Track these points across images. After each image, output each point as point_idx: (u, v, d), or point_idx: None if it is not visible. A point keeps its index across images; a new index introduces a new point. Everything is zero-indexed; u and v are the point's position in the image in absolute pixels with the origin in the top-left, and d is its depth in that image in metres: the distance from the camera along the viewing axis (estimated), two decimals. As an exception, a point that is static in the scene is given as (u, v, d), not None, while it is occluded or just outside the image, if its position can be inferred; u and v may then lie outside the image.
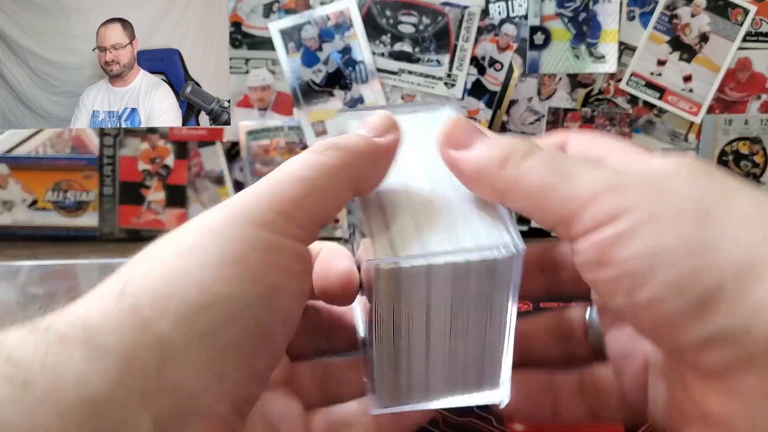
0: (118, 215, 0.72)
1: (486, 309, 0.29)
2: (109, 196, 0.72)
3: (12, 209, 0.71)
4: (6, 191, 0.71)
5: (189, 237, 0.26)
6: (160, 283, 0.24)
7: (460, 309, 0.29)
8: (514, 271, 0.29)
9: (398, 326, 0.29)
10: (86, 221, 0.72)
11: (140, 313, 0.23)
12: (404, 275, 0.27)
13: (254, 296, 0.25)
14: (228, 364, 0.24)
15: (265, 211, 0.26)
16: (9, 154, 0.70)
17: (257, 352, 0.25)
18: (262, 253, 0.25)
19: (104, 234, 0.72)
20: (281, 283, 0.25)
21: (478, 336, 0.30)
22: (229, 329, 0.24)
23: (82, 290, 0.25)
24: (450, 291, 0.28)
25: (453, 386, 0.31)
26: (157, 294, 0.24)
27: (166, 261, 0.25)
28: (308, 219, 0.27)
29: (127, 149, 0.72)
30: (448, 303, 0.29)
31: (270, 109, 0.72)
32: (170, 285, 0.24)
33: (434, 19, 0.69)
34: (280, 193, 0.27)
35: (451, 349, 0.30)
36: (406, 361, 0.30)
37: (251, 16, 0.66)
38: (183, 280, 0.24)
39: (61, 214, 0.72)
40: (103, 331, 0.22)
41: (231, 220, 0.26)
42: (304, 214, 0.27)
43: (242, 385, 0.25)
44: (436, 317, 0.29)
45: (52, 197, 0.72)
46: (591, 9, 0.69)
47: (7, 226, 0.72)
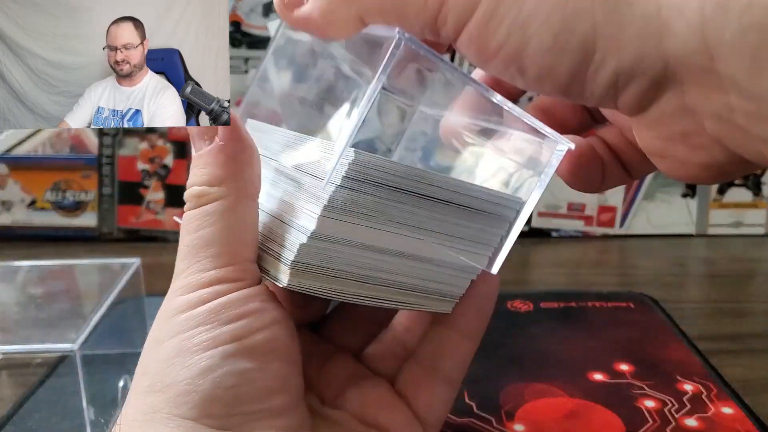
0: (117, 215, 0.72)
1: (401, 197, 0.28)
2: (108, 196, 0.72)
3: (11, 209, 0.71)
4: (5, 191, 0.71)
5: (151, 338, 0.26)
6: (143, 392, 0.25)
7: (382, 218, 0.28)
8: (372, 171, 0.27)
9: (355, 274, 0.28)
10: (85, 221, 0.72)
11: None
12: (303, 257, 0.27)
13: (222, 358, 0.25)
14: (244, 423, 0.25)
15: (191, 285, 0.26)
16: (8, 154, 0.70)
17: (264, 393, 0.26)
18: (206, 328, 0.25)
19: (103, 234, 0.72)
20: (242, 331, 0.26)
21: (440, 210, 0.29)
22: (218, 395, 0.25)
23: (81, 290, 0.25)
24: (354, 223, 0.27)
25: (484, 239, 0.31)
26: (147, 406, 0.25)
27: (144, 364, 0.26)
28: (238, 265, 0.27)
29: (126, 149, 0.72)
30: (367, 227, 0.28)
31: (269, 108, 0.72)
32: (152, 385, 0.25)
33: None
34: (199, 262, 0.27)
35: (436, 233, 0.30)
36: (411, 279, 0.29)
37: (251, 16, 0.66)
38: (160, 380, 0.25)
39: (60, 214, 0.72)
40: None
41: (164, 313, 0.26)
42: (230, 263, 0.27)
43: (273, 427, 0.26)
44: (377, 241, 0.28)
45: (51, 197, 0.72)
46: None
47: (6, 226, 0.72)
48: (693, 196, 0.75)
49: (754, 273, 0.66)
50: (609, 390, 0.41)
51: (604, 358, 0.45)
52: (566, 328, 0.50)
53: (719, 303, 0.57)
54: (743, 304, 0.56)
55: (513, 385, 0.42)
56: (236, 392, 0.25)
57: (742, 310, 0.55)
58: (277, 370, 0.26)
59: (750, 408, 0.39)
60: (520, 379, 0.42)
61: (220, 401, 0.25)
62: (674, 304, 0.54)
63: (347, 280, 0.28)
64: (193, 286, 0.26)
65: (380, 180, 0.27)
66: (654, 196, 0.75)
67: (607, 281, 0.62)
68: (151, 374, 0.25)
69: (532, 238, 0.74)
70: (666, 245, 0.73)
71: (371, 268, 0.28)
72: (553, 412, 0.39)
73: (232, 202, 0.27)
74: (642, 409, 0.39)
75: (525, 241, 0.73)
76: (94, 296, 0.48)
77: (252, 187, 0.28)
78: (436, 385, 0.32)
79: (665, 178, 0.74)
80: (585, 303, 0.53)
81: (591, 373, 0.43)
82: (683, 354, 0.46)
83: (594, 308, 0.53)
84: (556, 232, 0.74)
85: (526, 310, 0.53)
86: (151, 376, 0.25)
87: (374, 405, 0.31)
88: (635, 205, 0.75)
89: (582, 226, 0.74)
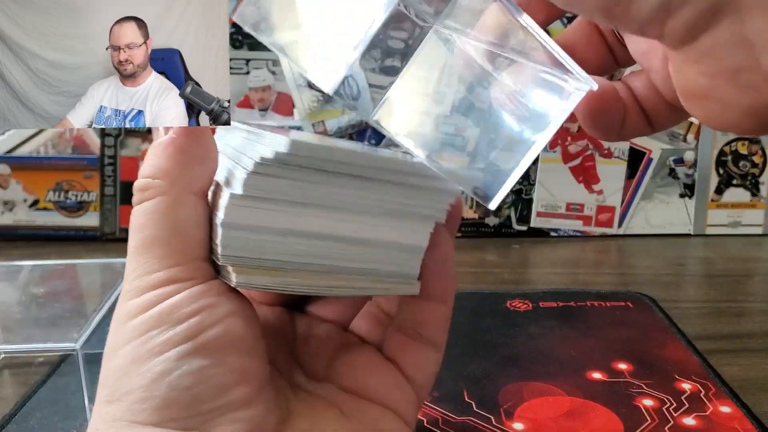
0: (119, 215, 0.72)
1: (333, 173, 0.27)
2: (110, 196, 0.72)
3: (13, 209, 0.72)
4: (7, 191, 0.71)
5: (107, 348, 0.26)
6: (104, 403, 0.25)
7: (309, 203, 0.27)
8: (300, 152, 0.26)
9: (299, 263, 0.28)
10: (87, 221, 0.72)
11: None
12: (234, 251, 0.27)
13: (175, 360, 0.25)
14: (210, 419, 0.25)
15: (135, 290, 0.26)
16: (10, 155, 0.71)
17: (224, 386, 0.26)
18: (157, 332, 0.25)
19: (105, 234, 0.72)
20: (194, 330, 0.25)
21: (373, 189, 0.28)
22: (177, 396, 0.25)
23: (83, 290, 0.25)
24: (277, 209, 0.27)
25: (423, 221, 0.30)
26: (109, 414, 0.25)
27: (104, 373, 0.26)
28: (186, 265, 0.26)
29: (128, 149, 0.72)
30: (298, 211, 0.27)
31: (270, 109, 0.72)
32: (111, 395, 0.25)
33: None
34: (144, 265, 0.26)
35: (371, 214, 0.29)
36: (356, 263, 0.29)
37: (252, 17, 0.67)
38: (119, 387, 0.25)
39: (62, 214, 0.72)
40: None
41: (116, 319, 0.26)
42: (177, 265, 0.26)
43: (241, 416, 0.26)
44: (308, 225, 0.28)
45: (53, 197, 0.72)
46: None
47: (9, 226, 0.72)
48: (691, 196, 0.75)
49: (752, 273, 0.66)
50: (608, 389, 0.41)
51: (602, 357, 0.45)
52: (565, 327, 0.50)
53: (717, 303, 0.57)
54: (741, 303, 0.56)
55: (512, 383, 0.42)
56: (194, 392, 0.25)
57: (740, 310, 0.55)
58: (234, 363, 0.26)
59: (748, 407, 0.40)
60: (519, 378, 0.43)
61: (179, 403, 0.24)
62: (672, 303, 0.54)
63: (293, 271, 0.27)
64: (142, 289, 0.26)
65: (300, 163, 0.26)
66: (652, 196, 0.75)
67: (606, 281, 0.62)
68: (108, 385, 0.25)
69: (531, 237, 0.74)
70: (664, 245, 0.73)
71: (311, 255, 0.28)
72: (552, 410, 0.39)
73: (174, 198, 0.26)
74: (640, 408, 0.39)
75: (524, 241, 0.74)
76: (96, 296, 0.49)
77: (200, 183, 0.27)
78: (420, 347, 0.32)
79: (663, 178, 0.74)
80: (584, 302, 0.54)
81: (590, 372, 0.43)
82: (681, 353, 0.46)
83: (593, 308, 0.53)
84: (554, 232, 0.74)
85: (525, 309, 0.53)
86: (109, 387, 0.25)
87: (363, 369, 0.31)
88: (633, 205, 0.75)
89: (581, 226, 0.74)
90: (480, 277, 0.63)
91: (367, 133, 0.72)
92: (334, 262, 0.28)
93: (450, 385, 0.42)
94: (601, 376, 0.43)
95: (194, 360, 0.25)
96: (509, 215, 0.74)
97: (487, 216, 0.74)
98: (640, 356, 0.45)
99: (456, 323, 0.51)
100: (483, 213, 0.74)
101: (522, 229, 0.75)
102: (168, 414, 0.24)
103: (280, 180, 0.26)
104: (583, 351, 0.46)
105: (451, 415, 0.39)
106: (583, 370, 0.44)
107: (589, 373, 0.43)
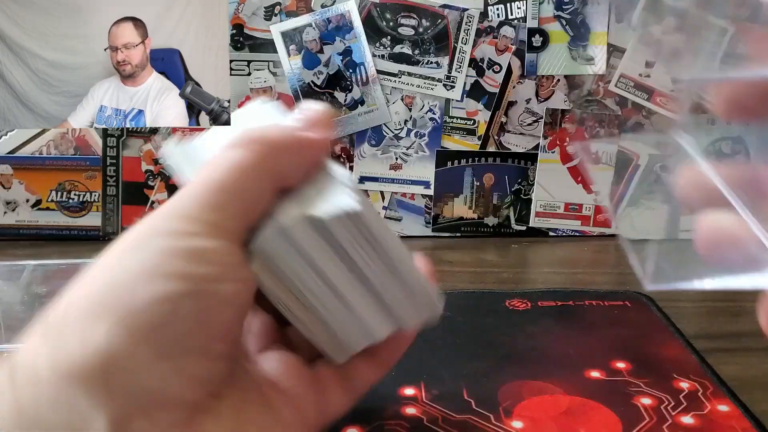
0: (122, 215, 0.73)
1: (371, 249, 0.31)
2: (113, 197, 0.72)
3: (16, 209, 0.72)
4: (10, 191, 0.72)
5: (109, 255, 0.27)
6: (88, 299, 0.25)
7: (346, 257, 0.30)
8: (367, 220, 0.30)
9: (297, 290, 0.30)
10: (89, 221, 0.73)
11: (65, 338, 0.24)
12: (265, 247, 0.28)
13: (185, 293, 0.25)
14: (181, 355, 0.25)
15: (183, 219, 0.27)
16: (13, 155, 0.71)
17: (209, 336, 0.26)
18: (182, 261, 0.26)
19: (107, 234, 0.73)
20: (214, 275, 0.26)
21: (384, 273, 0.31)
22: (170, 323, 0.25)
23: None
24: (323, 245, 0.29)
25: (394, 321, 0.33)
26: (89, 309, 0.25)
27: (92, 278, 0.26)
28: (232, 223, 0.27)
29: (130, 150, 0.72)
30: (331, 255, 0.30)
31: (271, 110, 0.72)
32: (100, 297, 0.25)
33: (434, 21, 0.70)
34: (199, 202, 0.27)
35: (368, 292, 0.31)
36: (329, 317, 0.31)
37: (253, 19, 0.67)
38: (112, 292, 0.25)
39: (65, 214, 0.73)
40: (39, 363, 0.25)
41: (145, 233, 0.27)
42: (225, 219, 0.27)
43: (205, 368, 0.26)
44: (327, 270, 0.30)
45: (55, 197, 0.72)
46: (580, 12, 0.69)
47: (11, 226, 0.72)
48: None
49: (752, 272, 0.66)
50: (606, 387, 0.42)
51: (601, 356, 0.45)
52: (564, 326, 0.50)
53: (715, 302, 0.57)
54: (739, 303, 0.56)
55: (511, 382, 0.42)
56: (188, 325, 0.25)
57: (738, 309, 0.55)
58: (232, 318, 0.27)
59: (746, 406, 0.40)
60: (518, 377, 0.43)
61: (172, 328, 0.25)
62: (670, 302, 0.54)
63: (294, 298, 0.30)
64: (190, 221, 0.27)
65: (361, 226, 0.29)
66: (639, 202, 0.75)
67: (604, 280, 0.62)
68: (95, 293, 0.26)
69: (529, 237, 0.75)
70: (664, 245, 0.73)
71: (315, 294, 0.30)
72: (551, 409, 0.40)
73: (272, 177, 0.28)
74: (639, 407, 0.40)
75: (523, 241, 0.74)
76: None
77: (285, 185, 0.29)
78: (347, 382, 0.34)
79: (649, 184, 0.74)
80: (582, 302, 0.54)
81: (588, 371, 0.43)
82: (679, 352, 0.46)
83: (591, 307, 0.53)
84: (553, 231, 0.75)
85: (524, 308, 0.53)
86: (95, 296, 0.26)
87: (282, 372, 0.32)
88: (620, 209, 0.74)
89: (579, 225, 0.74)
90: (479, 276, 0.64)
91: (368, 134, 0.72)
92: (320, 307, 0.31)
93: (449, 384, 0.42)
94: (599, 375, 0.43)
95: (201, 300, 0.26)
96: (508, 215, 0.74)
97: (486, 216, 0.74)
98: (638, 355, 0.45)
99: (455, 322, 0.51)
100: (482, 213, 0.74)
101: (521, 228, 0.75)
102: (156, 336, 0.25)
103: (343, 230, 0.29)
104: (582, 350, 0.46)
105: (450, 413, 0.39)
106: (581, 368, 0.44)
107: (588, 371, 0.43)
